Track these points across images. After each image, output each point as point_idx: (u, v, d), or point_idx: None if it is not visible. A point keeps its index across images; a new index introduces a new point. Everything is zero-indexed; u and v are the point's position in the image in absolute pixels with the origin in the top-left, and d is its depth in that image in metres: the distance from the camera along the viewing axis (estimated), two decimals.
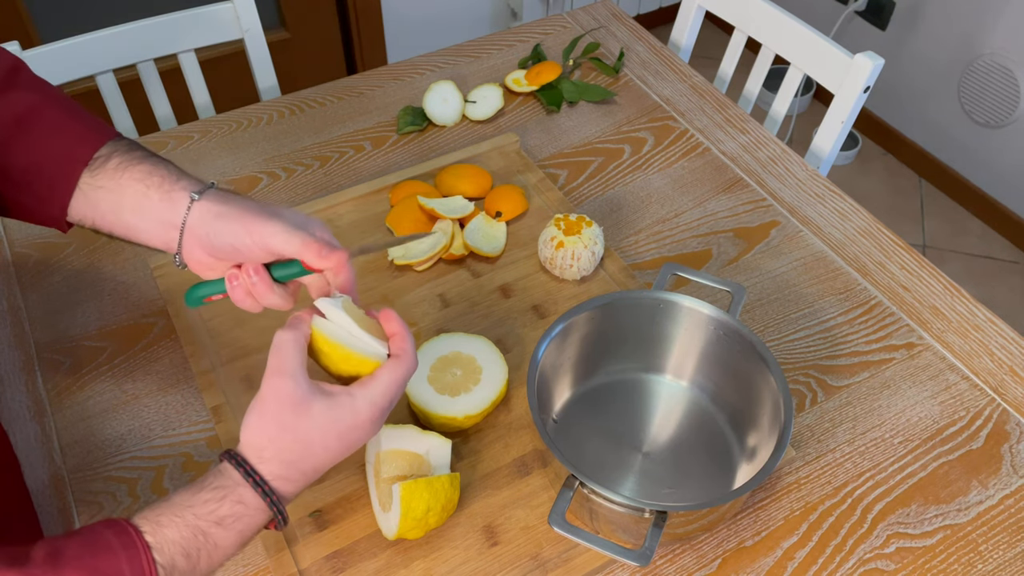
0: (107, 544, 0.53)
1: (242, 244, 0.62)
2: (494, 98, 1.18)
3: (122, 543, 0.53)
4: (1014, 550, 0.75)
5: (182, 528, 0.55)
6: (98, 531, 0.54)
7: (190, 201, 0.63)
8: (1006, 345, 0.91)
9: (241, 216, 0.62)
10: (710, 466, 0.79)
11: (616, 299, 0.80)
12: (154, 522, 0.55)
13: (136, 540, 0.53)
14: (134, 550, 0.53)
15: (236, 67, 1.58)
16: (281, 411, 0.57)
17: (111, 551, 0.52)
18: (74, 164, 0.65)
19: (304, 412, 0.58)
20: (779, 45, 1.28)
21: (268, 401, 0.58)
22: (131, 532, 0.53)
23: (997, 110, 2.07)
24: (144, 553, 0.53)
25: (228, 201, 0.64)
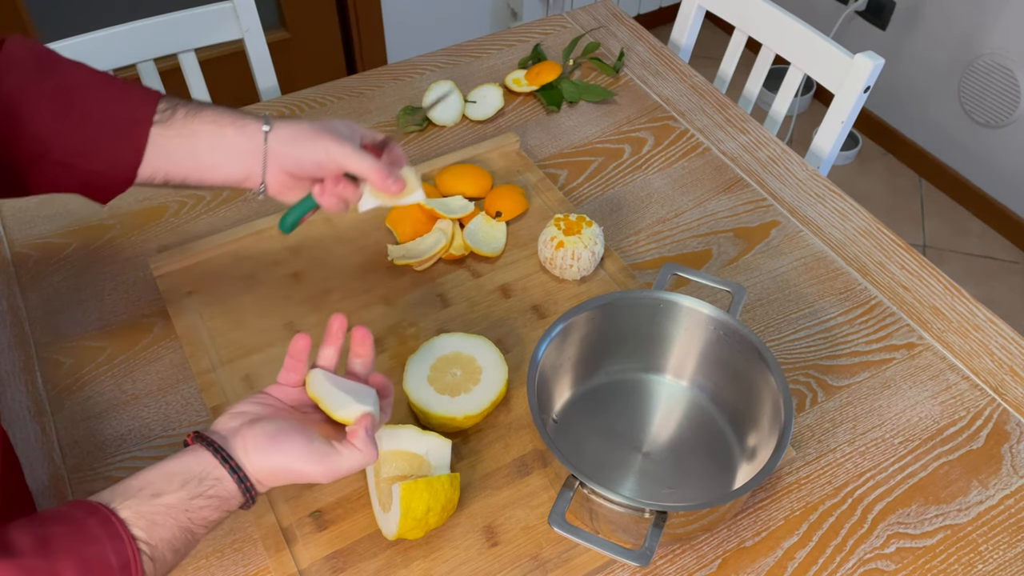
0: (93, 535, 0.53)
1: (322, 163, 0.71)
2: (494, 98, 1.18)
3: (108, 534, 0.54)
4: (1014, 550, 0.75)
5: (175, 530, 0.57)
6: (80, 519, 0.54)
7: (264, 132, 0.70)
8: (1006, 345, 0.91)
9: (316, 138, 0.71)
10: (710, 466, 0.79)
11: (616, 299, 0.80)
12: (150, 521, 0.56)
13: (121, 532, 0.54)
14: (119, 541, 0.54)
15: (236, 67, 1.58)
16: (298, 480, 0.62)
17: (98, 542, 0.53)
18: (140, 125, 0.69)
19: (310, 480, 0.63)
20: (779, 45, 1.28)
21: (298, 478, 0.62)
22: (115, 523, 0.54)
23: (997, 110, 2.07)
24: (129, 544, 0.54)
25: (295, 126, 0.72)
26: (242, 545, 0.74)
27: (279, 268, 0.96)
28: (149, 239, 1.01)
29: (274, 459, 0.60)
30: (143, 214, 1.03)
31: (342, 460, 0.61)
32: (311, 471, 0.61)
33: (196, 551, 0.74)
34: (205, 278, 0.95)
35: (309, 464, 0.60)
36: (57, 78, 0.68)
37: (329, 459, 0.61)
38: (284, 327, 0.91)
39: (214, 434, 0.62)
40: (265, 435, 0.61)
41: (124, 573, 0.53)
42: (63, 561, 0.51)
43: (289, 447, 0.60)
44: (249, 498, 0.61)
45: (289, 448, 0.60)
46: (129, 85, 0.71)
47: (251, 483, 0.60)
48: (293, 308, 0.92)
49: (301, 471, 0.61)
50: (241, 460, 0.60)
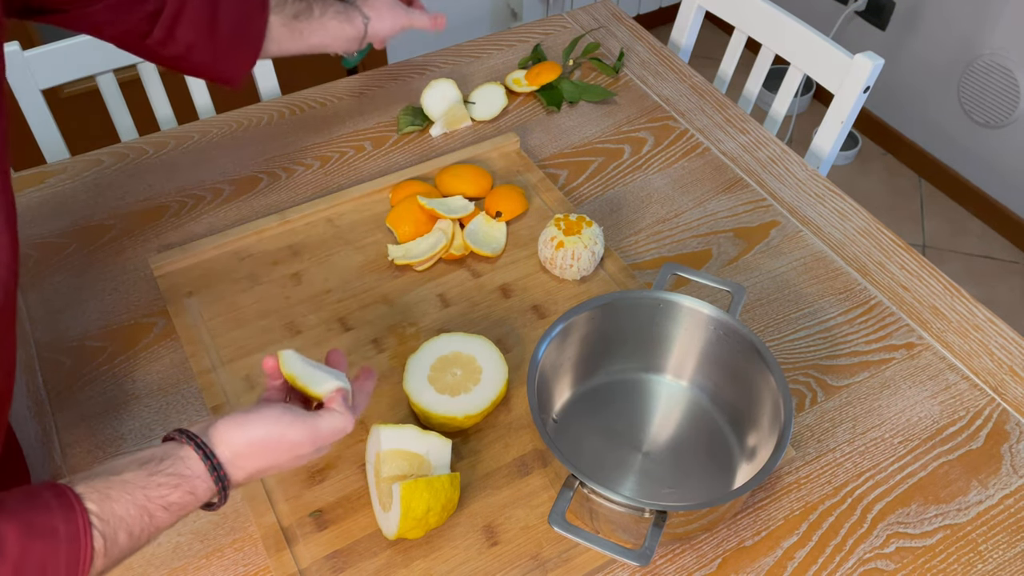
0: (45, 503, 0.53)
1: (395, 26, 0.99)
2: (496, 98, 1.18)
3: (60, 504, 0.53)
4: (1014, 550, 0.75)
5: (130, 507, 0.55)
6: (38, 491, 0.54)
7: (364, 24, 0.97)
8: (1006, 345, 0.91)
9: (391, 7, 0.99)
10: (710, 466, 0.79)
11: (616, 299, 0.80)
12: (103, 493, 0.55)
13: (74, 503, 0.53)
14: (71, 512, 0.53)
15: None
16: (284, 456, 0.62)
17: (48, 510, 0.52)
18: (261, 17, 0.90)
19: (298, 459, 0.63)
20: (779, 45, 1.28)
21: (283, 445, 0.61)
22: (69, 495, 0.54)
23: (997, 110, 2.07)
24: (81, 516, 0.53)
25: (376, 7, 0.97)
26: (242, 545, 0.74)
27: (279, 268, 0.96)
28: (149, 239, 1.01)
29: (252, 431, 0.60)
30: (143, 214, 1.04)
31: (321, 421, 0.62)
32: (291, 434, 0.60)
33: (196, 551, 0.74)
34: (205, 278, 0.95)
35: (289, 428, 0.61)
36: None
37: (308, 420, 0.61)
38: (284, 327, 0.91)
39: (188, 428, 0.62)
40: (239, 413, 0.61)
41: (72, 543, 0.52)
42: (8, 523, 0.51)
43: (266, 414, 0.61)
44: (218, 478, 0.59)
45: (266, 415, 0.61)
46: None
47: (219, 461, 0.59)
48: (293, 308, 0.92)
49: (281, 435, 0.60)
50: (213, 439, 0.60)
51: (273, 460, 0.62)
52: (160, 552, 0.74)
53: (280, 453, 0.61)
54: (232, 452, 0.60)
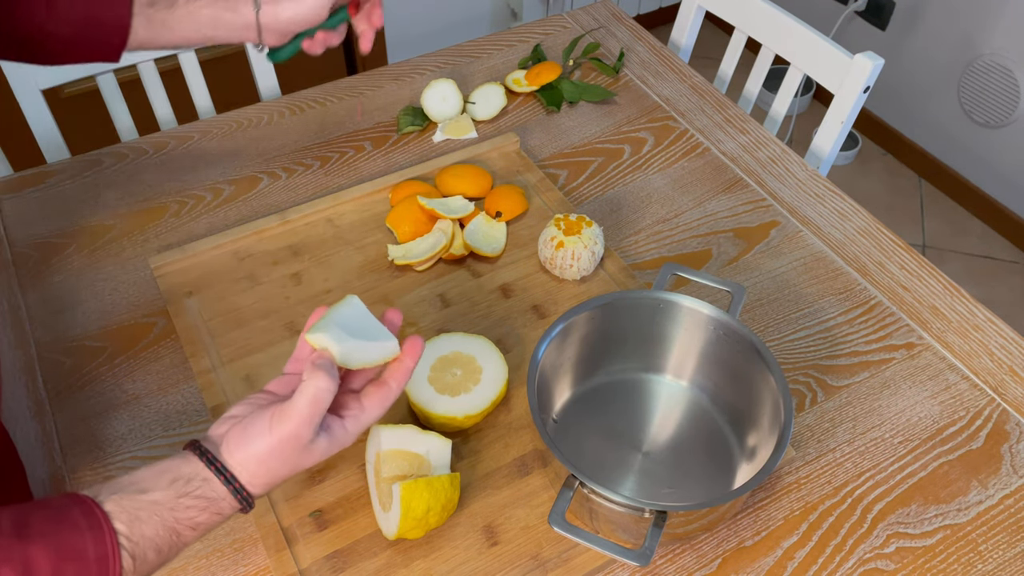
0: (74, 523, 0.52)
1: (305, 16, 0.82)
2: (496, 98, 1.18)
3: (89, 524, 0.53)
4: (1014, 550, 0.75)
5: (159, 528, 0.55)
6: (65, 507, 0.53)
7: (256, 9, 0.81)
8: (1006, 345, 0.91)
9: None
10: (710, 466, 0.79)
11: (616, 299, 0.80)
12: (133, 515, 0.54)
13: (103, 523, 0.53)
14: (99, 531, 0.52)
15: (236, 67, 1.59)
16: (291, 453, 0.60)
17: (78, 530, 0.52)
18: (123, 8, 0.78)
19: (308, 452, 0.60)
20: (779, 45, 1.28)
21: (285, 444, 0.59)
22: (97, 513, 0.53)
23: (997, 110, 2.07)
24: (109, 536, 0.53)
25: None
26: (242, 545, 0.74)
27: (279, 268, 0.96)
28: (149, 239, 1.01)
29: (252, 447, 0.58)
30: (143, 214, 1.04)
31: (296, 402, 0.58)
32: (288, 428, 0.58)
33: (196, 551, 0.74)
34: (205, 278, 0.95)
35: (276, 430, 0.58)
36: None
37: (287, 411, 0.58)
38: (284, 327, 0.91)
39: (206, 441, 0.61)
40: (240, 428, 0.59)
41: (101, 565, 0.52)
42: (37, 545, 0.50)
43: (259, 425, 0.59)
44: (242, 499, 0.59)
45: (259, 425, 0.58)
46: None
47: (240, 484, 0.59)
48: (293, 308, 0.92)
49: (281, 438, 0.58)
50: (228, 462, 0.59)
51: (290, 463, 0.60)
52: None
53: (288, 452, 0.59)
54: (249, 474, 0.59)
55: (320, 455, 0.61)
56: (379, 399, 0.63)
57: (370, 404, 0.63)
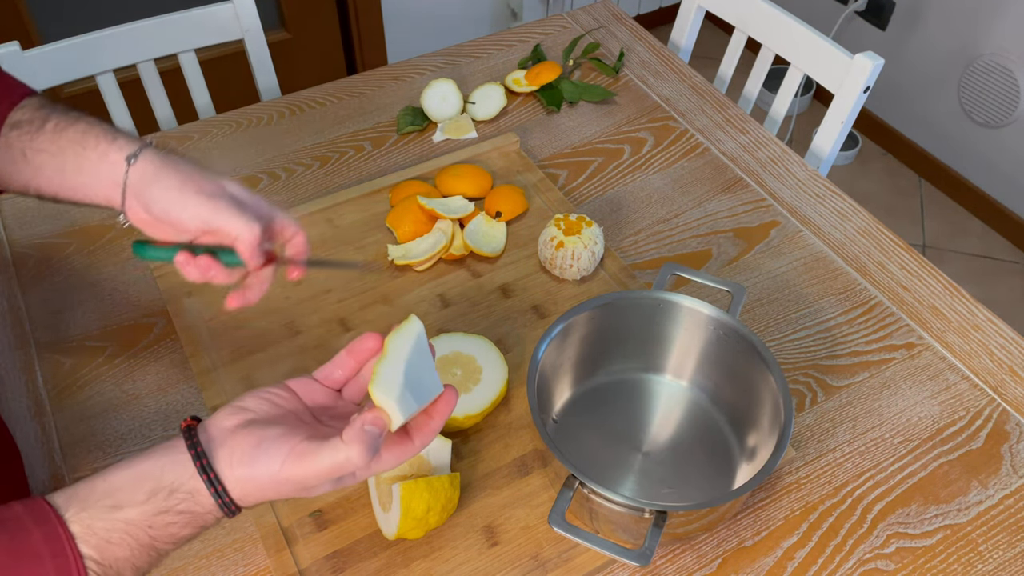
0: (34, 552, 0.48)
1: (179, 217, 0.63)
2: (496, 97, 1.18)
3: (51, 551, 0.48)
4: (1014, 550, 0.75)
5: (135, 548, 0.51)
6: (25, 528, 0.48)
7: (127, 164, 0.62)
8: (1006, 345, 0.91)
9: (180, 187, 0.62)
10: (710, 466, 0.79)
11: (616, 299, 0.80)
12: (103, 539, 0.50)
13: (67, 548, 0.48)
14: (63, 559, 0.48)
15: (236, 67, 1.59)
16: (292, 492, 0.55)
17: (38, 561, 0.48)
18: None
19: (310, 492, 0.55)
20: (779, 45, 1.28)
21: (288, 485, 0.53)
22: (61, 537, 0.49)
23: (997, 110, 2.07)
24: (75, 561, 0.48)
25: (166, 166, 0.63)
26: (242, 545, 0.74)
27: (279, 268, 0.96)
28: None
29: (257, 472, 0.52)
30: None
31: (321, 457, 0.51)
32: (293, 472, 0.52)
33: (196, 551, 0.74)
34: None
35: (287, 469, 0.52)
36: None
37: (310, 457, 0.52)
38: (284, 327, 0.91)
39: (204, 432, 0.54)
40: (250, 443, 0.53)
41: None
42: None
43: (273, 453, 0.52)
44: (228, 513, 0.53)
45: (273, 454, 0.52)
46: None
47: (230, 498, 0.53)
48: (293, 308, 0.92)
49: (286, 479, 0.52)
50: (224, 472, 0.52)
51: (280, 495, 0.54)
52: None
53: (289, 492, 0.54)
54: (242, 492, 0.53)
55: (320, 493, 0.55)
56: (398, 453, 0.56)
57: (388, 456, 0.56)
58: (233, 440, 0.53)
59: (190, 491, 0.52)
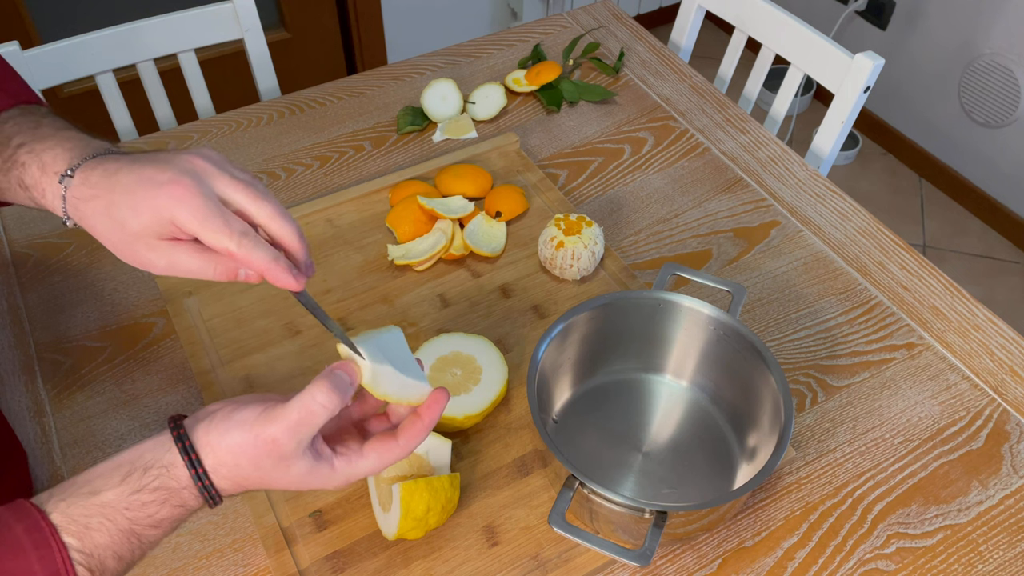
0: (17, 543, 0.48)
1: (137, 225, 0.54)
2: (496, 97, 1.18)
3: (34, 542, 0.48)
4: (1014, 550, 0.75)
5: (114, 533, 0.50)
6: (6, 525, 0.49)
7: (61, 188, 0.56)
8: (1006, 345, 0.91)
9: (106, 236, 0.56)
10: (710, 466, 0.79)
11: (616, 299, 0.80)
12: (82, 525, 0.50)
13: (50, 539, 0.48)
14: (46, 549, 0.48)
15: (236, 67, 1.59)
16: (266, 459, 0.53)
17: (21, 552, 0.48)
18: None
19: (285, 467, 0.54)
20: (779, 45, 1.28)
21: (261, 448, 0.52)
22: (44, 528, 0.49)
23: (997, 110, 2.07)
24: (59, 552, 0.48)
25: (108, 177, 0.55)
26: (242, 545, 0.74)
27: None
28: None
29: (230, 435, 0.52)
30: None
31: (290, 408, 0.51)
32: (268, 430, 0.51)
33: (196, 551, 0.74)
34: None
35: (265, 424, 0.51)
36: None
37: (280, 409, 0.52)
38: (284, 327, 0.91)
39: (192, 416, 0.54)
40: (227, 412, 0.53)
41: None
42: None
43: (245, 413, 0.52)
44: (203, 488, 0.52)
45: (244, 414, 0.52)
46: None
47: (204, 469, 0.52)
48: (293, 308, 0.92)
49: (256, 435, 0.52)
50: (199, 440, 0.52)
51: (257, 469, 0.53)
52: (159, 552, 0.73)
53: (262, 458, 0.53)
54: (215, 460, 0.52)
55: (297, 479, 0.54)
56: (382, 451, 0.56)
57: (370, 453, 0.56)
58: (213, 415, 0.53)
59: (165, 465, 0.52)
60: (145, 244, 0.55)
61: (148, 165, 0.55)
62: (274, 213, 0.56)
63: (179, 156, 0.56)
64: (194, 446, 0.52)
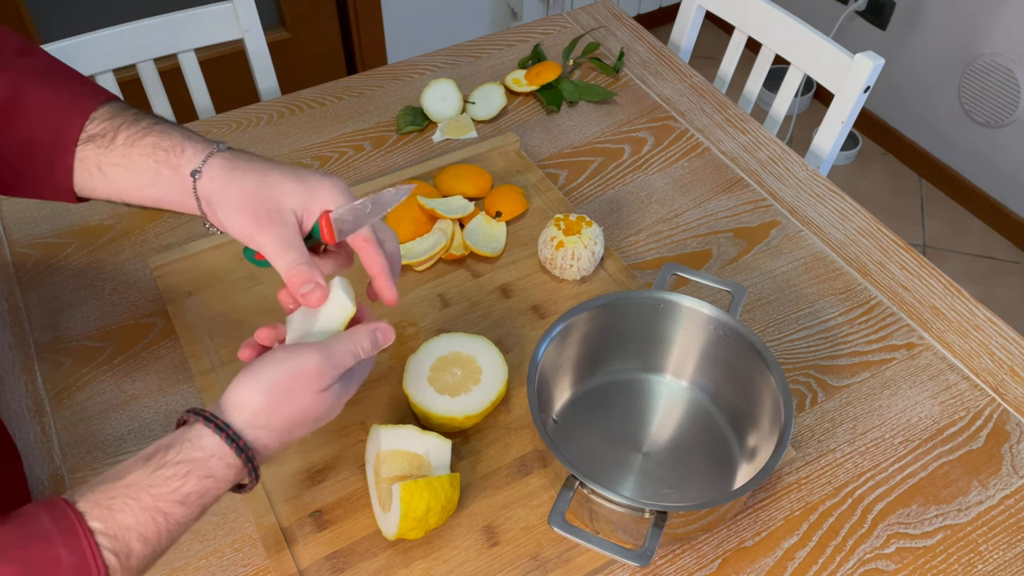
0: (42, 531, 0.48)
1: (241, 239, 0.61)
2: (496, 97, 1.18)
3: (59, 528, 0.48)
4: (1014, 550, 0.75)
5: (139, 512, 0.51)
6: (33, 516, 0.49)
7: (192, 180, 0.61)
8: (1006, 345, 0.91)
9: (238, 210, 0.60)
10: (710, 466, 0.79)
11: (616, 299, 0.80)
12: (105, 507, 0.50)
13: (76, 525, 0.49)
14: (72, 535, 0.49)
15: (236, 67, 1.59)
16: (304, 395, 0.56)
17: (47, 539, 0.48)
18: (66, 146, 0.63)
19: (317, 401, 0.57)
20: (779, 45, 1.28)
21: (299, 376, 0.56)
22: (70, 516, 0.49)
23: (997, 110, 2.07)
24: (85, 538, 0.49)
25: (229, 183, 0.60)
26: (242, 545, 0.74)
27: None
28: (149, 239, 1.01)
29: (265, 377, 0.55)
30: (143, 214, 1.03)
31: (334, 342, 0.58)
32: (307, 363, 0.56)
33: (196, 551, 0.74)
34: (205, 278, 0.95)
35: (302, 357, 0.56)
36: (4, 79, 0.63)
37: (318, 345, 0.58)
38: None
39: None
40: (245, 369, 0.57)
41: (80, 571, 0.48)
42: (4, 565, 0.47)
43: (273, 356, 0.57)
44: (239, 449, 0.54)
45: (273, 356, 0.57)
46: (61, 92, 0.64)
47: (235, 430, 0.54)
48: None
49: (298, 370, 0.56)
50: (226, 408, 0.55)
51: (299, 405, 0.56)
52: None
53: (303, 394, 0.56)
54: (251, 412, 0.55)
55: (327, 405, 0.58)
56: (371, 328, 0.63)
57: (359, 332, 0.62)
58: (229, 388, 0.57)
59: (188, 438, 0.53)
60: (269, 220, 0.60)
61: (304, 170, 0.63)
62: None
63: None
64: (219, 411, 0.55)
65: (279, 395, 0.55)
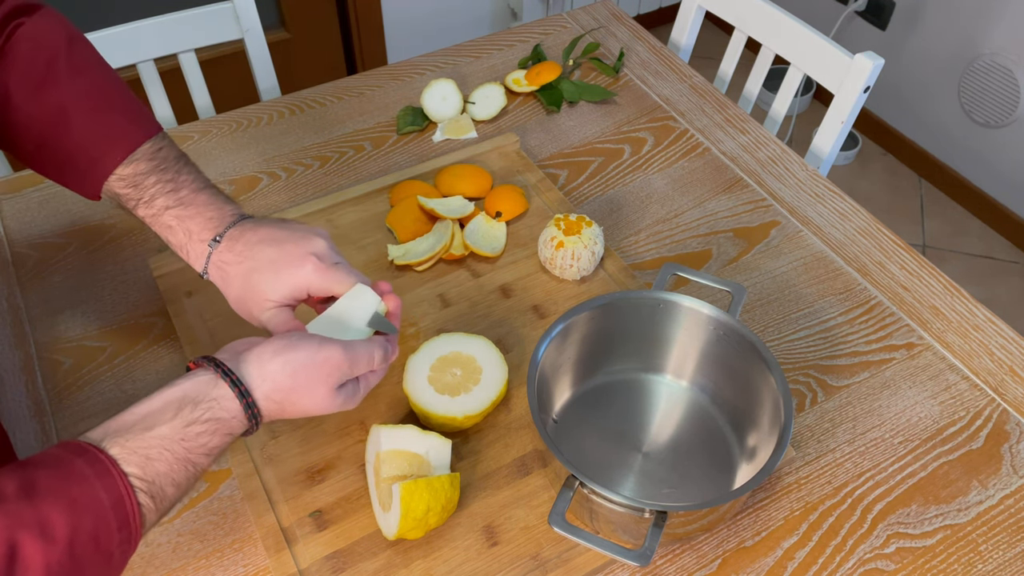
0: (80, 473, 0.52)
1: (274, 294, 0.69)
2: (496, 97, 1.18)
3: (95, 472, 0.52)
4: (1014, 550, 0.75)
5: (172, 462, 0.56)
6: (66, 460, 0.52)
7: (204, 272, 0.71)
8: (1006, 345, 0.91)
9: (241, 298, 0.70)
10: (710, 466, 0.79)
11: (616, 299, 0.80)
12: (143, 456, 0.55)
13: (110, 468, 0.53)
14: (108, 477, 0.52)
15: (236, 67, 1.59)
16: (320, 382, 0.62)
17: (85, 480, 0.52)
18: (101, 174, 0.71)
19: (326, 393, 0.63)
20: (779, 45, 1.28)
21: (322, 366, 0.62)
22: (103, 460, 0.53)
23: (997, 110, 2.07)
24: (120, 479, 0.53)
25: (236, 269, 0.70)
26: (242, 545, 0.74)
27: None
28: (149, 239, 1.01)
29: (296, 355, 0.61)
30: None
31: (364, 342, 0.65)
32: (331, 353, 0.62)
33: (196, 551, 0.74)
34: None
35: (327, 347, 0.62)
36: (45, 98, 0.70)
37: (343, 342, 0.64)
38: None
39: (220, 353, 0.62)
40: (283, 342, 0.62)
41: (117, 510, 0.52)
42: (48, 502, 0.50)
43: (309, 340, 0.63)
44: (251, 417, 0.60)
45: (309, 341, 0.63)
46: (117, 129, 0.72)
47: (254, 399, 0.60)
48: None
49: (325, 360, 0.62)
50: (251, 374, 0.60)
51: (311, 394, 0.62)
52: (159, 552, 0.74)
53: (319, 385, 0.62)
54: (273, 387, 0.60)
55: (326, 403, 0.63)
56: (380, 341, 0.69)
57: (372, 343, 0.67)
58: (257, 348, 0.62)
59: (214, 398, 0.58)
60: (262, 306, 0.69)
61: (286, 241, 0.69)
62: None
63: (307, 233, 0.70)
64: (243, 379, 0.60)
65: (302, 379, 0.61)
